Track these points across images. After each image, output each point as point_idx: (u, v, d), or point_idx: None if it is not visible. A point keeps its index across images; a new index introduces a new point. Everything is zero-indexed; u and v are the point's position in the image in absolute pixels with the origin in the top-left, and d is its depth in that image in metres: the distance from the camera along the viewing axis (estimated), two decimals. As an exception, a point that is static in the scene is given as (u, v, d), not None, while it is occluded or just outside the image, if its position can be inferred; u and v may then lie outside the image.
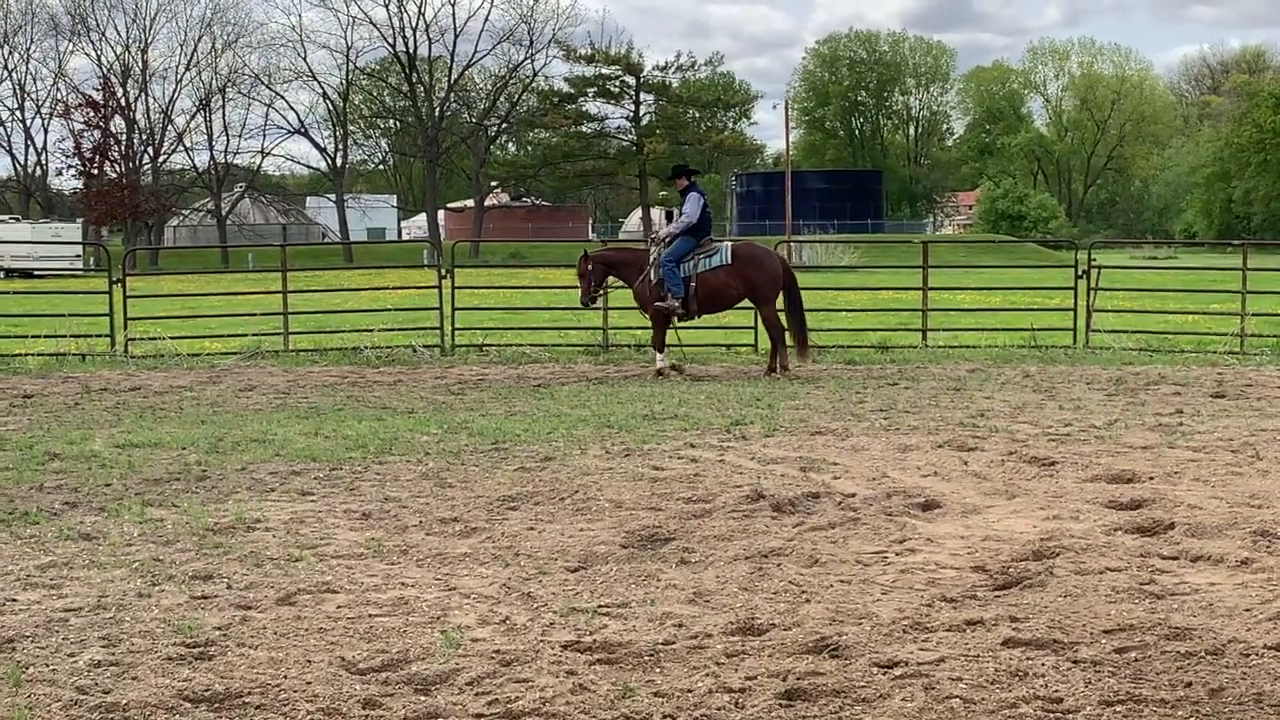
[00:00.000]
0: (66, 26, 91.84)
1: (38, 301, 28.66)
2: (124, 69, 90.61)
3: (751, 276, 18.28)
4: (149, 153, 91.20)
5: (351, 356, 20.63)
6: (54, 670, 5.86)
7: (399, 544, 8.27)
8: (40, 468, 11.00)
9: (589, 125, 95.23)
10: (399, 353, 20.88)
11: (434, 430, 12.96)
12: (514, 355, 20.73)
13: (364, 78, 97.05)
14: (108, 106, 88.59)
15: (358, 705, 5.47)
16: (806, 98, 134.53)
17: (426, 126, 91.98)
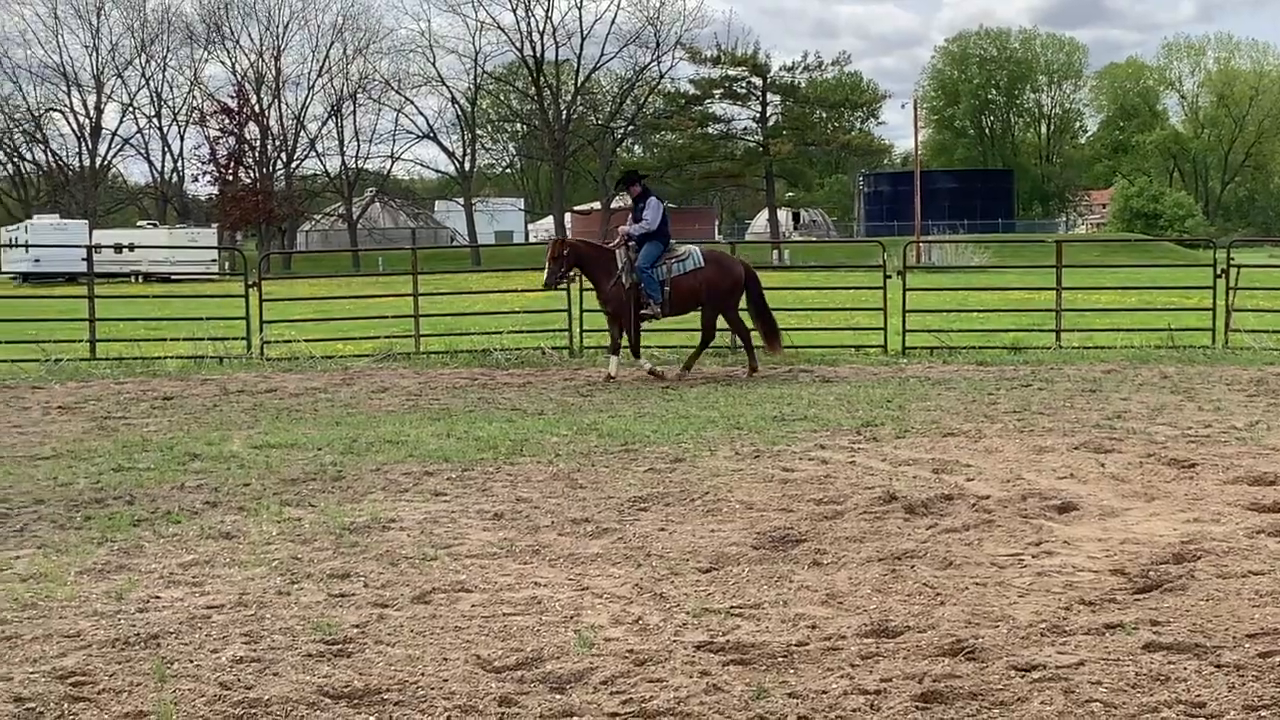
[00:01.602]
0: (202, 35, 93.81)
1: (176, 305, 29.22)
2: (257, 76, 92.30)
3: (718, 281, 18.65)
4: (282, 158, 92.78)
5: (481, 358, 20.80)
6: (198, 666, 5.99)
7: (531, 544, 8.33)
8: (181, 468, 11.23)
9: (715, 127, 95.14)
10: (528, 355, 21.02)
11: (564, 431, 13.03)
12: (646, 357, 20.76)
13: (492, 82, 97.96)
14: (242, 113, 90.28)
15: (494, 703, 5.52)
16: (935, 96, 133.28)
17: (553, 130, 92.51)
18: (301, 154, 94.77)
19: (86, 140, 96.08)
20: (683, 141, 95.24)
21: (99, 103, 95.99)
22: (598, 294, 18.75)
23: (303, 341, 21.81)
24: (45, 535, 8.73)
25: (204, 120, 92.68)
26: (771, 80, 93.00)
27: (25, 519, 9.25)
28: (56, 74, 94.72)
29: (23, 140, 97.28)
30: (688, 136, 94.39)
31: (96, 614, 6.81)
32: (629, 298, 18.26)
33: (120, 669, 5.93)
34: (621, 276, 18.28)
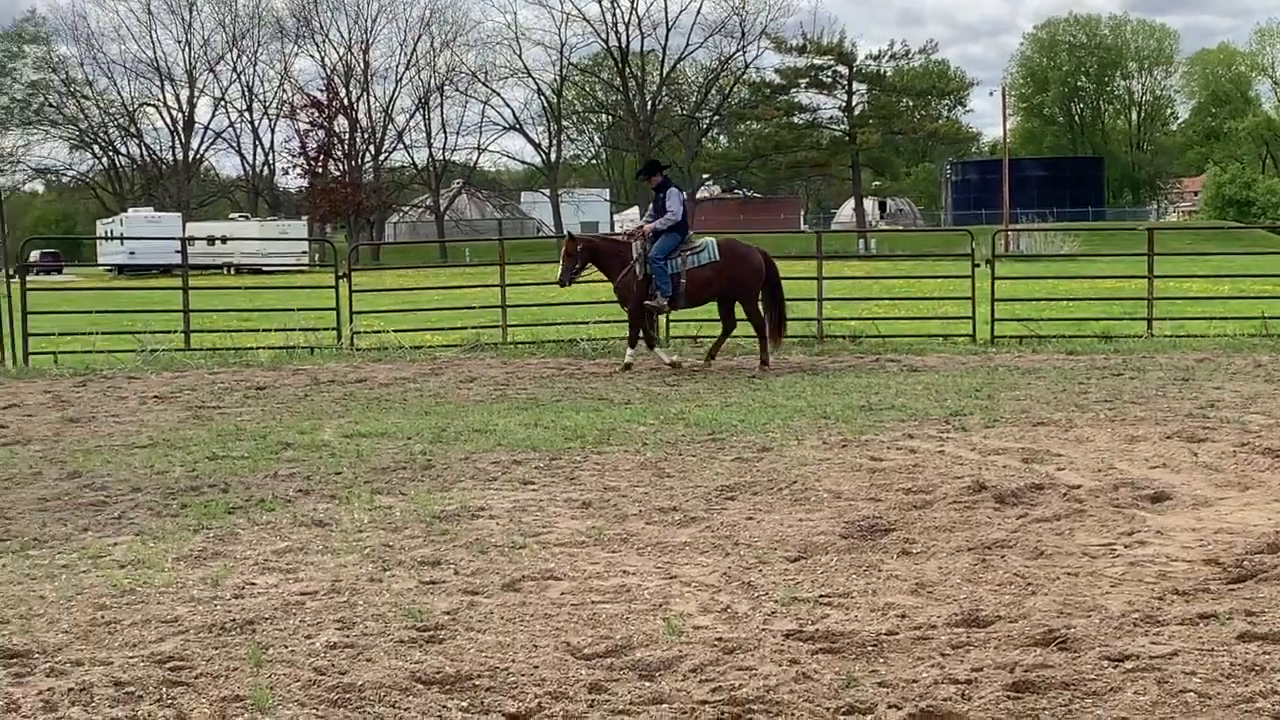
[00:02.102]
0: (292, 29, 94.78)
1: (267, 297, 29.52)
2: (346, 70, 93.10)
3: (736, 273, 18.55)
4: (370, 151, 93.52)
5: (568, 348, 20.88)
6: (292, 651, 6.05)
7: (619, 532, 8.35)
8: (274, 456, 11.36)
9: (801, 116, 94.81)
10: (614, 344, 21.05)
11: (651, 421, 13.04)
12: (728, 346, 20.73)
13: (577, 73, 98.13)
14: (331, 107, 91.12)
15: (584, 689, 5.54)
16: (1024, 84, 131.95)
17: (639, 120, 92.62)
18: (390, 146, 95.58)
19: (179, 134, 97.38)
20: (768, 131, 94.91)
21: (192, 97, 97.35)
22: (613, 286, 18.84)
23: (392, 332, 21.99)
24: (143, 522, 8.87)
25: (294, 114, 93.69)
26: (858, 69, 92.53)
27: (123, 506, 9.40)
28: (150, 69, 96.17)
29: (118, 135, 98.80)
30: (773, 126, 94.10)
31: (193, 600, 6.90)
32: (641, 289, 18.28)
33: (217, 654, 6.01)
34: (635, 267, 18.31)
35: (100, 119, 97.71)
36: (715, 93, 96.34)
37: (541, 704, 5.38)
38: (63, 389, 17.05)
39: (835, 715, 5.26)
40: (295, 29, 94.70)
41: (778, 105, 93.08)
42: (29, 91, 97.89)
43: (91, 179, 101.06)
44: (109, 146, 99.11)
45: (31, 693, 5.53)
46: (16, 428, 13.79)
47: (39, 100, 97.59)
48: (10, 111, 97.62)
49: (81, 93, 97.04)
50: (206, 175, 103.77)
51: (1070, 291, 27.00)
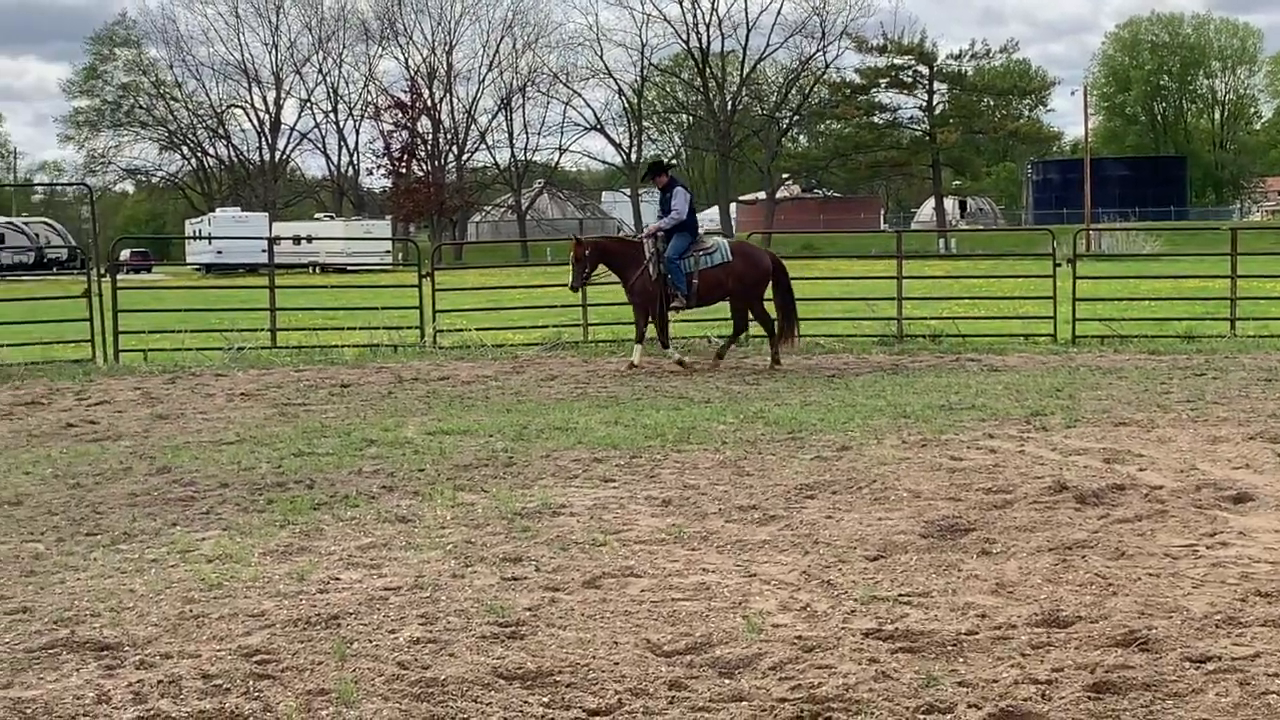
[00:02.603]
0: (376, 31, 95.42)
1: (351, 295, 29.73)
2: (430, 71, 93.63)
3: (745, 274, 18.52)
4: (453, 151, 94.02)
5: (649, 347, 20.87)
6: (376, 646, 6.10)
7: (699, 530, 8.34)
8: (358, 453, 11.44)
9: (881, 116, 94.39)
10: (695, 343, 21.03)
11: (730, 419, 13.02)
12: (807, 345, 20.67)
13: (658, 74, 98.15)
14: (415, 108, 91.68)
15: (664, 686, 5.54)
16: (1106, 83, 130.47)
17: (719, 120, 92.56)
18: (472, 147, 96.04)
19: (266, 135, 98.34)
20: (848, 130, 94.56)
21: (278, 99, 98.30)
22: (624, 286, 18.72)
23: (474, 330, 22.09)
24: (230, 518, 8.96)
25: (378, 115, 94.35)
26: (938, 68, 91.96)
27: (211, 502, 9.50)
28: (238, 71, 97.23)
29: (206, 136, 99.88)
30: (853, 126, 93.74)
31: (279, 594, 6.97)
32: (657, 289, 18.21)
33: (303, 648, 6.06)
34: (649, 268, 18.20)
35: (189, 120, 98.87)
36: (795, 93, 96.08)
37: (622, 700, 5.39)
38: (152, 386, 17.26)
39: (915, 714, 5.24)
40: (380, 31, 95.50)
41: (858, 105, 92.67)
42: (120, 94, 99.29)
43: (180, 179, 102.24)
44: (198, 147, 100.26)
45: (122, 684, 5.61)
46: (107, 424, 13.98)
47: (129, 102, 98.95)
48: (102, 113, 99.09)
49: (171, 95, 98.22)
50: (292, 176, 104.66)
51: (1152, 291, 26.70)
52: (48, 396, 16.40)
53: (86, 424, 14.02)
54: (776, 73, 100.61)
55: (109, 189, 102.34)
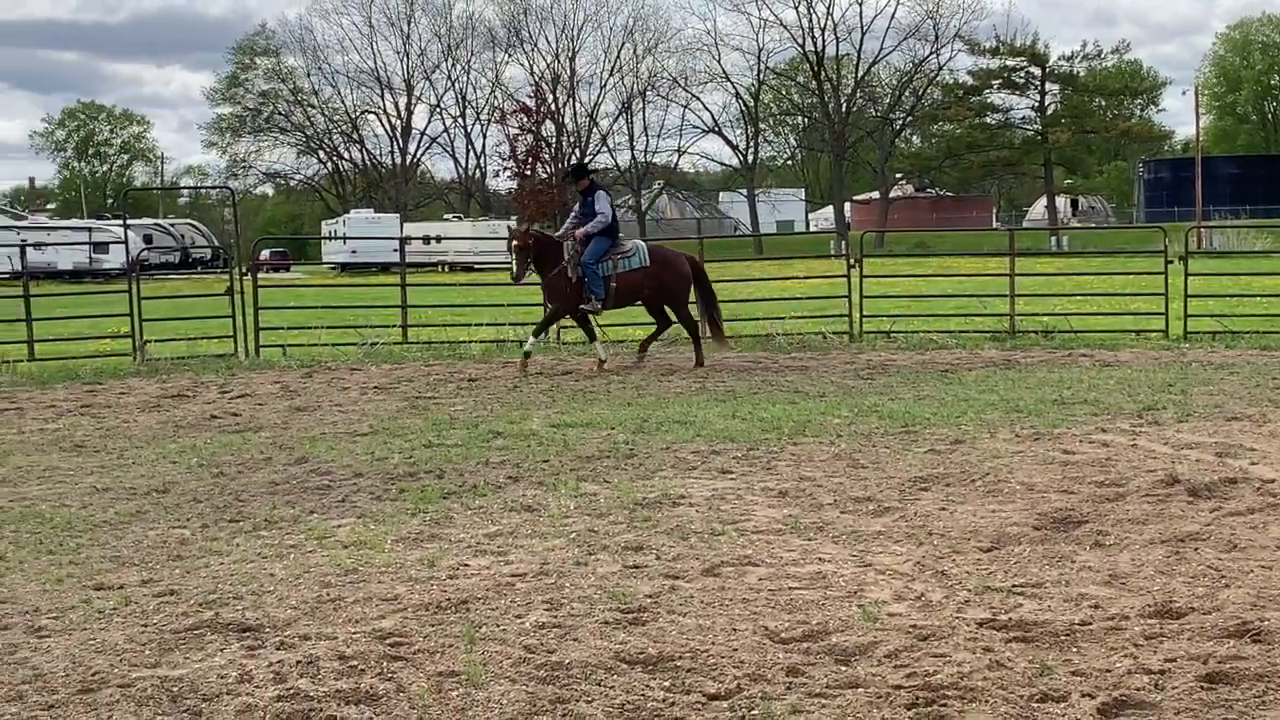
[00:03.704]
0: (503, 39, 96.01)
1: (478, 293, 29.92)
2: (554, 77, 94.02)
3: (665, 278, 18.19)
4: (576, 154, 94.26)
5: (764, 343, 20.82)
6: (503, 630, 6.13)
7: (815, 521, 8.30)
8: (485, 445, 11.52)
9: (993, 116, 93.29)
10: (809, 339, 20.95)
11: (845, 413, 12.94)
12: (921, 341, 20.51)
13: (774, 77, 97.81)
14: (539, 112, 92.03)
15: (781, 672, 5.52)
16: (1216, 83, 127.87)
17: (833, 122, 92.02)
18: (594, 149, 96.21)
19: (398, 139, 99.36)
20: (960, 131, 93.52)
21: (409, 104, 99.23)
22: (541, 281, 18.40)
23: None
24: (364, 506, 9.06)
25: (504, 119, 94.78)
26: (1050, 69, 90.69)
27: (346, 490, 9.62)
28: (371, 79, 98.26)
29: (341, 141, 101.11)
30: (965, 126, 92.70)
31: (411, 580, 7.03)
32: (573, 290, 17.86)
33: (434, 631, 6.11)
34: (567, 270, 17.79)
35: (325, 126, 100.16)
36: (909, 94, 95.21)
37: (740, 685, 5.38)
38: (291, 380, 17.51)
39: (1029, 703, 5.17)
40: (506, 39, 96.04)
41: (970, 106, 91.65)
42: (260, 101, 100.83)
43: (317, 182, 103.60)
44: (333, 152, 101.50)
45: (263, 664, 5.69)
46: (249, 415, 14.20)
47: (269, 109, 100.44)
48: (243, 120, 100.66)
49: (308, 102, 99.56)
50: (423, 178, 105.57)
51: (1265, 288, 26.09)
52: (193, 389, 16.70)
53: (229, 416, 14.26)
54: (890, 75, 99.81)
55: (250, 192, 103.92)
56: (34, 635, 6.24)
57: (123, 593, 6.94)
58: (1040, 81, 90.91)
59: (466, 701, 5.23)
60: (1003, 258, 23.03)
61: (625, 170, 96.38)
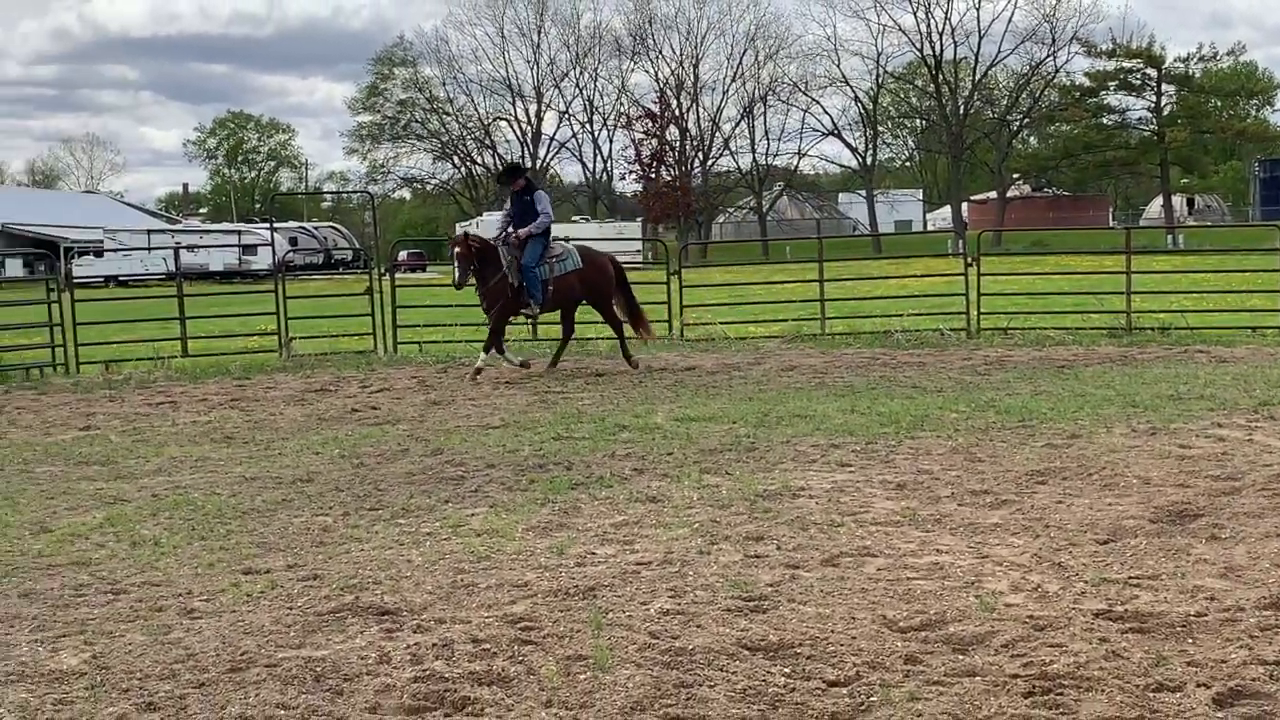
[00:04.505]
0: (628, 47, 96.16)
1: (605, 292, 30.01)
2: (677, 83, 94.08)
3: (595, 279, 17.70)
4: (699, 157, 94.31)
5: (882, 339, 20.64)
6: (629, 616, 6.14)
7: (932, 513, 8.22)
8: (611, 438, 11.55)
9: (1109, 117, 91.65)
10: (927, 336, 20.74)
11: (962, 408, 12.79)
12: (1038, 338, 20.21)
13: (892, 81, 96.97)
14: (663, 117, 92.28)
15: (899, 660, 5.48)
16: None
17: (951, 124, 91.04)
18: (716, 153, 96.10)
19: (528, 145, 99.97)
20: (1077, 132, 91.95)
21: (539, 111, 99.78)
22: (480, 288, 17.18)
23: (718, 324, 22.10)
24: (496, 495, 9.13)
25: (630, 124, 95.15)
26: (1166, 71, 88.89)
27: (479, 481, 9.70)
28: (503, 87, 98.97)
29: (474, 146, 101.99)
30: (1082, 127, 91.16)
31: (541, 567, 7.08)
32: (512, 296, 17.10)
33: (562, 616, 6.14)
34: (508, 273, 17.01)
35: (459, 133, 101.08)
36: (1026, 96, 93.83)
37: (860, 672, 5.34)
38: (427, 375, 17.69)
39: (1144, 692, 5.07)
40: (632, 47, 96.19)
41: (1087, 107, 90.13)
42: (398, 109, 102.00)
43: (451, 186, 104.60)
44: (467, 157, 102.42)
45: (400, 646, 5.76)
46: (387, 409, 14.38)
47: (406, 117, 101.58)
48: (382, 128, 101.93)
49: (443, 109, 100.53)
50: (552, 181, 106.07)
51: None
52: (335, 384, 16.95)
53: (369, 409, 14.46)
54: (1007, 78, 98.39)
55: (388, 196, 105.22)
56: (187, 617, 6.38)
57: (269, 577, 7.06)
58: (1156, 83, 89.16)
59: (594, 684, 5.25)
60: (1119, 255, 22.61)
61: (747, 173, 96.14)
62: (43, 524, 8.72)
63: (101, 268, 61.22)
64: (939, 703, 5.03)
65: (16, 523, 8.80)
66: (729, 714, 4.94)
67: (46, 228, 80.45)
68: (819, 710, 4.99)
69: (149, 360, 19.80)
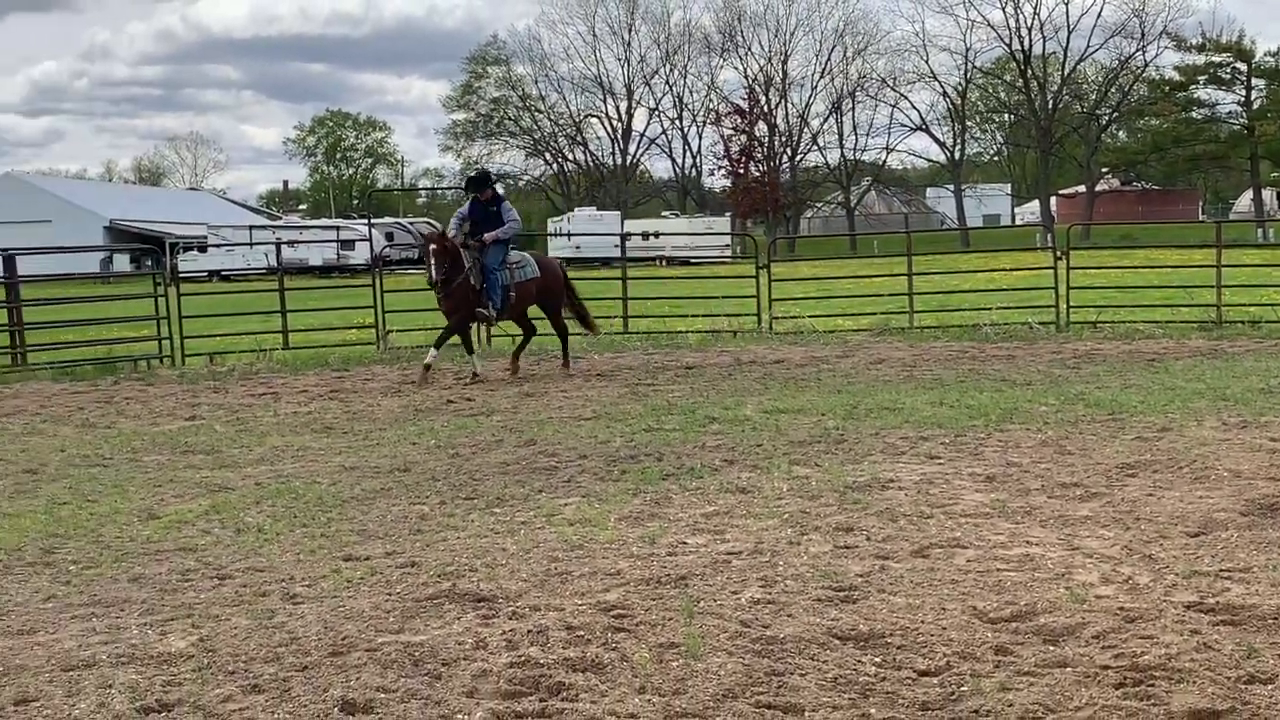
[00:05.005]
0: (718, 44, 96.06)
1: (694, 285, 30.05)
2: (766, 79, 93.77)
3: (550, 285, 17.45)
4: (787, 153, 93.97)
5: (971, 333, 20.46)
6: (720, 605, 6.14)
7: (1022, 505, 8.13)
8: (702, 429, 11.54)
9: (1199, 111, 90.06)
10: (1015, 329, 20.53)
11: (1051, 401, 12.64)
12: (1127, 331, 19.94)
13: (981, 76, 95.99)
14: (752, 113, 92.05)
15: (990, 651, 5.43)
16: None
17: (1039, 119, 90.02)
18: (804, 148, 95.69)
19: (618, 141, 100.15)
20: (1166, 126, 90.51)
21: (629, 108, 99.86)
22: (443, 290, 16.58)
23: (807, 317, 22.03)
24: (588, 485, 9.16)
25: (719, 120, 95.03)
26: (1256, 65, 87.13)
27: (572, 471, 9.73)
28: (594, 84, 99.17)
29: (566, 143, 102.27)
30: (1171, 121, 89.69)
31: (633, 556, 7.09)
32: (473, 298, 16.67)
33: (654, 605, 6.15)
34: (470, 277, 16.57)
35: (551, 130, 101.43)
36: (1114, 91, 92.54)
37: (950, 663, 5.30)
38: (520, 367, 17.76)
39: (1236, 684, 4.99)
40: (721, 44, 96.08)
41: (1176, 101, 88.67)
42: (491, 107, 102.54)
43: (543, 183, 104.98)
44: (558, 154, 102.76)
45: (496, 632, 5.79)
46: (482, 400, 14.47)
47: (499, 115, 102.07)
48: (476, 125, 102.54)
49: (535, 107, 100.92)
50: (642, 177, 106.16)
51: None
52: (430, 376, 17.06)
53: (464, 400, 14.56)
54: (1096, 72, 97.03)
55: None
56: (289, 601, 6.45)
57: (369, 563, 7.13)
58: (1246, 77, 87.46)
59: (686, 672, 5.25)
60: (1209, 249, 22.24)
61: (834, 168, 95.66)
62: (151, 511, 8.87)
63: (205, 263, 62.19)
64: (1030, 693, 4.97)
65: (126, 509, 8.95)
66: (820, 702, 4.92)
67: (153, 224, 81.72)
68: (910, 699, 4.95)
69: (252, 352, 20.07)
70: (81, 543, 7.98)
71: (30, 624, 6.25)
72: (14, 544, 7.97)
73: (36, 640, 5.98)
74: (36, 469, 10.92)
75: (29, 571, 7.30)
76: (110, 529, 8.35)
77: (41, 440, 12.69)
